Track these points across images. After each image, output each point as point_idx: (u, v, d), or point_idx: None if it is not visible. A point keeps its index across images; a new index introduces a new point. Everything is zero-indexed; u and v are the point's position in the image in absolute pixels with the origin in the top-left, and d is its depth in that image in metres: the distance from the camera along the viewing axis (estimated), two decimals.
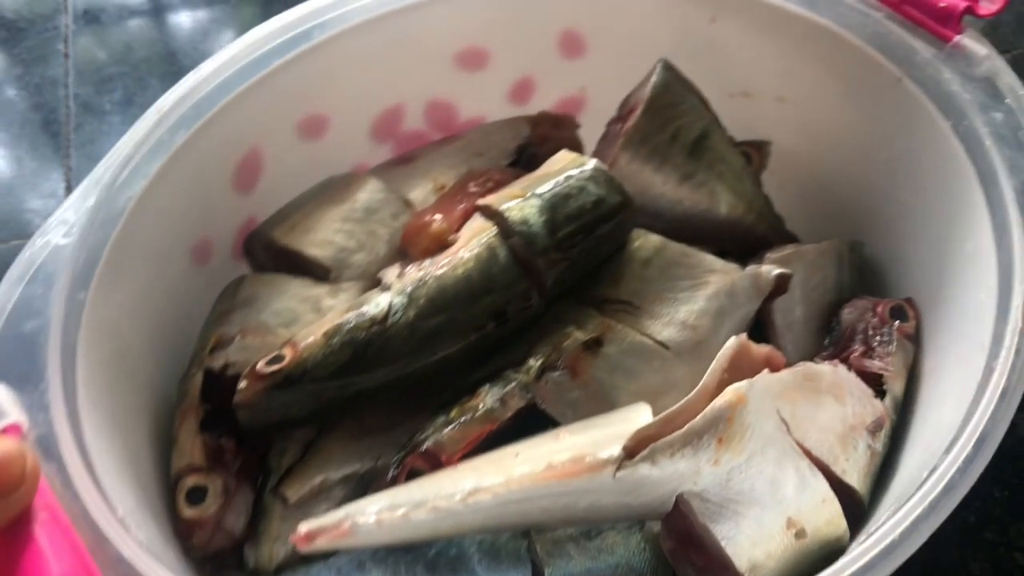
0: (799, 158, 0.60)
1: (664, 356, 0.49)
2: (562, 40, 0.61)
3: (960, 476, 0.38)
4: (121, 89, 0.84)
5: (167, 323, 0.51)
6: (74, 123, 0.83)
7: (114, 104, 0.84)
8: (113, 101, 0.84)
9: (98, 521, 0.36)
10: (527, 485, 0.40)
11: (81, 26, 0.90)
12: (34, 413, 0.38)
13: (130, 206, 0.46)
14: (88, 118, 0.83)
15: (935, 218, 0.52)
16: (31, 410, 0.38)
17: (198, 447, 0.47)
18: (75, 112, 0.81)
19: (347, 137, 0.58)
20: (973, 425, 0.39)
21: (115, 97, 0.83)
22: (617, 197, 0.50)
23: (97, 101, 0.82)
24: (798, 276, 0.53)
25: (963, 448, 0.38)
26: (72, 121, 0.83)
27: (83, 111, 0.82)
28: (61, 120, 0.81)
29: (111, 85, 0.84)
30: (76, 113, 0.81)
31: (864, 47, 0.53)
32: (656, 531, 0.42)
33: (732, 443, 0.40)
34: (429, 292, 0.47)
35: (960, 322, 0.48)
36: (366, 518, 0.41)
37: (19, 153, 0.81)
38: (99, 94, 0.83)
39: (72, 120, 0.83)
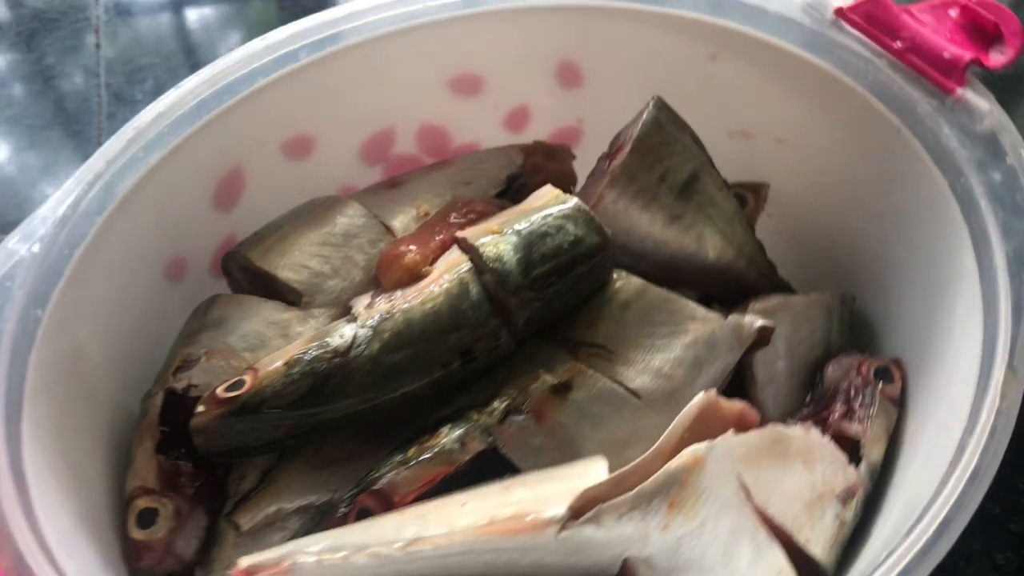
0: (797, 203, 0.59)
1: (634, 405, 0.47)
2: (560, 70, 0.60)
3: (918, 562, 0.36)
4: (152, 80, 0.85)
5: (136, 339, 0.50)
6: (106, 112, 0.84)
7: (145, 94, 0.85)
8: (145, 91, 0.85)
9: (20, 547, 0.35)
10: (468, 539, 0.39)
11: (112, 17, 0.91)
12: None
13: (99, 222, 0.46)
14: (120, 107, 0.84)
15: (927, 276, 0.50)
16: None
17: (152, 468, 0.46)
18: (107, 101, 0.83)
19: (335, 158, 0.58)
20: (938, 507, 0.37)
21: (147, 87, 0.84)
22: (596, 238, 0.49)
23: (129, 91, 0.84)
24: (783, 329, 0.52)
25: (923, 532, 0.37)
26: (104, 110, 0.84)
27: (115, 100, 0.83)
28: (94, 109, 0.82)
29: (142, 75, 0.85)
30: (108, 102, 0.83)
31: (865, 94, 0.52)
32: None
33: (684, 508, 0.39)
34: (395, 326, 0.46)
35: (944, 388, 0.46)
36: (307, 558, 0.41)
37: (53, 141, 0.82)
38: (131, 84, 0.84)
39: (104, 109, 0.84)
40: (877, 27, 0.52)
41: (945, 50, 0.49)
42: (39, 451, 0.39)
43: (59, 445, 0.42)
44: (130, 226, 0.47)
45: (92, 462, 0.46)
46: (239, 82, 0.51)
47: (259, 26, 0.90)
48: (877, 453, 0.47)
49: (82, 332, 0.45)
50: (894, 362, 0.50)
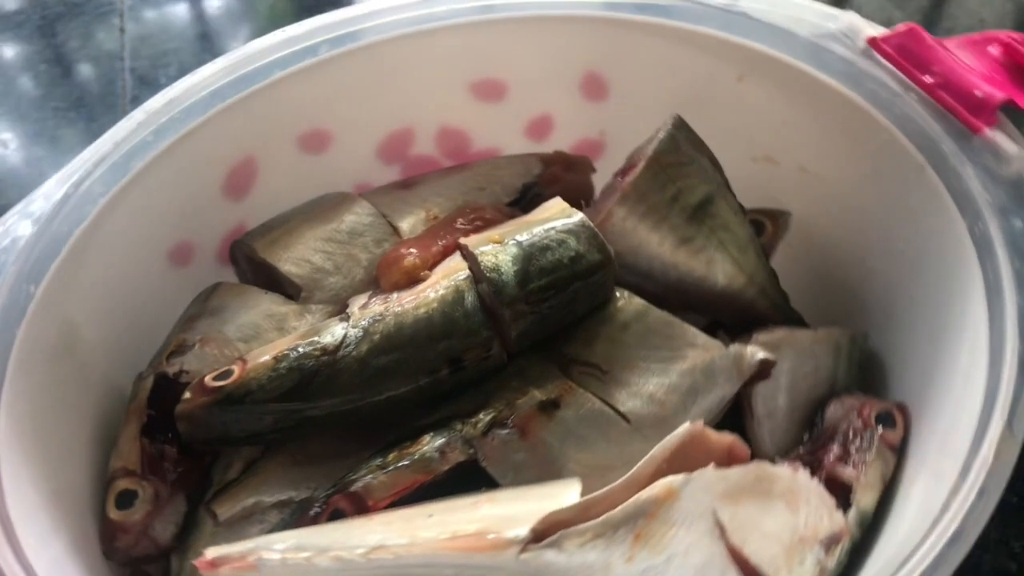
0: (816, 234, 0.57)
1: (623, 429, 0.46)
2: (585, 81, 0.59)
3: None
4: (176, 64, 0.86)
5: (136, 321, 0.51)
6: (130, 95, 0.85)
7: (169, 78, 0.86)
8: (169, 75, 0.86)
9: None
10: (428, 551, 0.38)
11: (136, 2, 0.92)
12: None
13: (102, 203, 0.46)
14: (144, 91, 0.86)
15: (937, 320, 0.48)
16: None
17: (135, 450, 0.46)
18: (132, 85, 0.84)
19: (351, 155, 0.58)
20: (911, 567, 0.36)
21: (170, 71, 0.85)
22: (597, 256, 0.48)
23: (153, 74, 0.85)
24: (787, 363, 0.50)
25: None
26: (128, 94, 0.85)
27: (140, 84, 0.84)
28: (118, 92, 0.83)
29: (166, 59, 0.87)
30: (133, 86, 0.84)
31: (891, 128, 0.50)
32: None
33: (651, 541, 0.38)
34: (386, 328, 0.46)
35: (944, 437, 0.44)
36: (272, 555, 0.40)
37: (78, 124, 0.83)
38: (155, 68, 0.86)
39: (128, 93, 0.85)
40: (909, 59, 0.50)
41: (977, 88, 0.48)
42: (13, 423, 0.40)
43: (40, 419, 0.43)
44: (134, 208, 0.48)
45: (78, 439, 0.46)
46: (256, 73, 0.51)
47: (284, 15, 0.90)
48: (869, 500, 0.45)
49: (77, 311, 0.46)
50: (898, 407, 0.48)
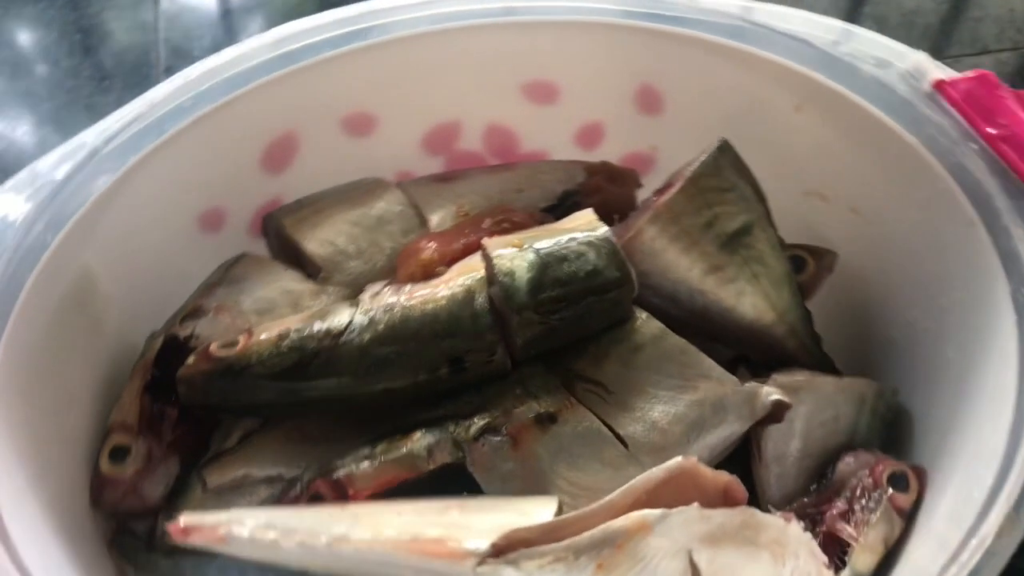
0: (859, 278, 0.55)
1: (618, 453, 0.45)
2: (639, 93, 0.57)
3: None
4: (210, 36, 0.87)
5: (157, 281, 0.51)
6: (164, 66, 0.86)
7: (203, 50, 0.88)
8: (203, 47, 0.87)
9: None
10: (387, 550, 0.37)
11: None
12: None
13: (132, 159, 0.47)
14: (178, 62, 0.87)
15: (968, 386, 0.45)
16: None
17: (136, 407, 0.47)
18: (165, 56, 0.85)
19: (395, 142, 0.57)
20: None
21: (204, 43, 0.86)
22: (615, 273, 0.47)
23: (187, 46, 0.86)
24: (804, 408, 0.48)
25: None
26: (162, 64, 0.86)
27: (173, 55, 0.85)
28: (152, 63, 0.84)
29: (200, 32, 0.87)
30: (166, 57, 0.85)
31: (946, 177, 0.47)
32: None
33: (613, 573, 0.36)
34: (392, 319, 0.46)
35: (954, 508, 0.42)
36: (241, 530, 0.40)
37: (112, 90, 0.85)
38: (188, 39, 0.86)
39: (162, 63, 0.86)
40: (974, 107, 0.47)
41: None
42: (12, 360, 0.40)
43: (43, 361, 0.43)
44: (166, 170, 0.48)
45: (82, 388, 0.47)
46: (305, 50, 0.51)
47: None
48: (866, 563, 0.43)
49: (96, 262, 0.47)
50: (915, 470, 0.46)
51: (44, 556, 0.40)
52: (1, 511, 0.39)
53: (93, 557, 0.46)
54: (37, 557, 0.39)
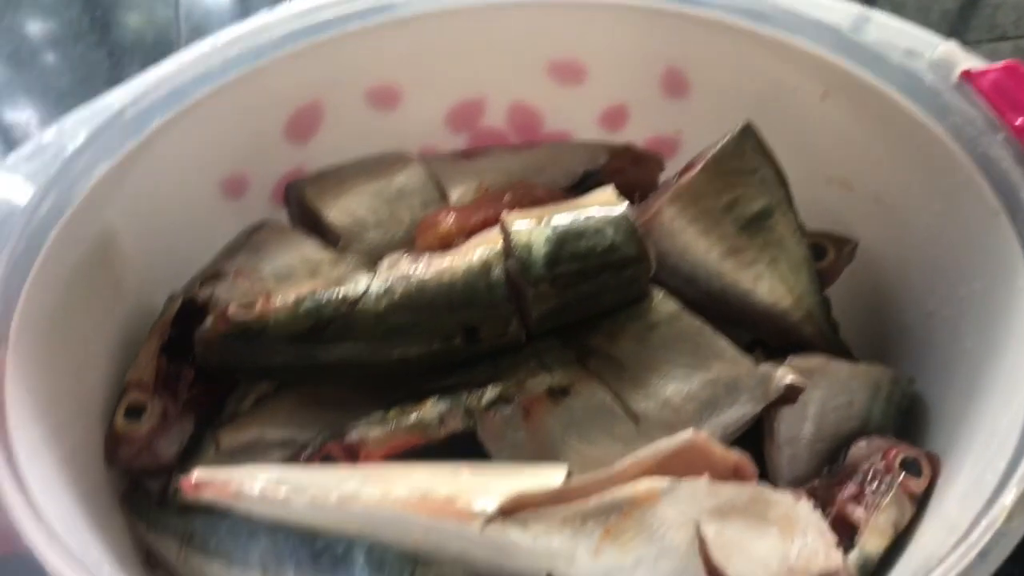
0: (881, 267, 0.55)
1: (629, 429, 0.45)
2: (665, 76, 0.57)
3: None
4: (230, 15, 0.87)
5: (178, 244, 0.52)
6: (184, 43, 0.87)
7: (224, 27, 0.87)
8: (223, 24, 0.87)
9: None
10: (396, 509, 0.38)
11: None
12: None
13: (158, 121, 0.47)
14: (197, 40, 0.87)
15: (987, 376, 0.45)
16: None
17: (152, 366, 0.48)
18: (185, 33, 0.85)
19: (419, 117, 0.57)
20: None
21: (224, 20, 0.86)
22: (632, 250, 0.46)
23: (207, 24, 0.86)
24: (818, 392, 0.48)
25: None
26: (183, 41, 0.87)
27: (193, 33, 0.86)
28: (172, 40, 0.85)
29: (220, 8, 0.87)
30: (186, 34, 0.85)
31: (971, 167, 0.47)
32: None
33: (620, 539, 0.36)
34: (408, 288, 0.46)
35: (965, 495, 0.41)
36: (252, 486, 0.41)
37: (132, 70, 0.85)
38: (208, 16, 0.86)
39: (183, 40, 0.87)
40: (1002, 97, 0.47)
41: None
42: (31, 315, 0.41)
43: (62, 318, 0.44)
44: (191, 133, 0.49)
45: (100, 346, 0.48)
46: (333, 21, 0.51)
47: None
48: (875, 545, 0.43)
49: (118, 222, 0.47)
50: (928, 456, 0.46)
51: (59, 509, 0.41)
52: (20, 464, 0.39)
53: (106, 513, 0.46)
54: (53, 509, 0.39)
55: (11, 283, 0.41)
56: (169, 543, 0.46)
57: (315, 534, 0.42)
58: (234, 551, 0.43)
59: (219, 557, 0.44)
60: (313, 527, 0.41)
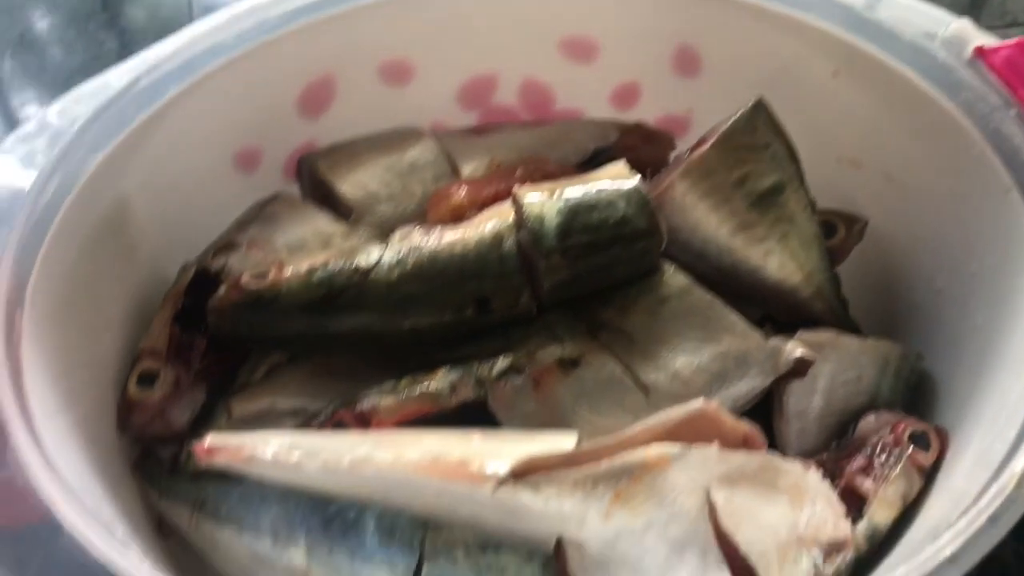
0: (890, 245, 0.55)
1: (639, 400, 0.45)
2: (677, 54, 0.57)
3: None
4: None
5: (191, 215, 0.52)
6: None
7: None
8: None
9: None
10: (408, 472, 0.38)
11: None
12: None
13: (172, 91, 0.47)
14: None
15: (997, 351, 0.45)
16: None
17: (165, 335, 0.48)
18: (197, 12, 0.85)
19: (431, 93, 0.58)
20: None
21: None
22: (644, 223, 0.47)
23: None
24: (828, 366, 0.48)
25: None
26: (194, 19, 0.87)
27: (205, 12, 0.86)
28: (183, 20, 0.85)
29: None
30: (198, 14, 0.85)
31: (983, 144, 0.47)
32: None
33: (631, 503, 0.37)
34: (420, 258, 0.46)
35: (973, 466, 0.42)
36: (264, 451, 0.41)
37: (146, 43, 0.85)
38: None
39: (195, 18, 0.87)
40: (1015, 74, 0.47)
41: None
42: (47, 283, 0.41)
43: (77, 286, 0.44)
44: (205, 104, 0.49)
45: (114, 314, 0.48)
46: None
47: None
48: (884, 517, 0.43)
49: (132, 191, 0.47)
50: (936, 430, 0.46)
51: (74, 472, 0.41)
52: (37, 426, 0.40)
53: (118, 481, 0.46)
54: (68, 472, 0.40)
55: (26, 250, 0.41)
56: (181, 510, 0.46)
57: (327, 499, 0.42)
58: (245, 517, 0.44)
59: (230, 523, 0.44)
60: (325, 491, 0.41)
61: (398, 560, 0.41)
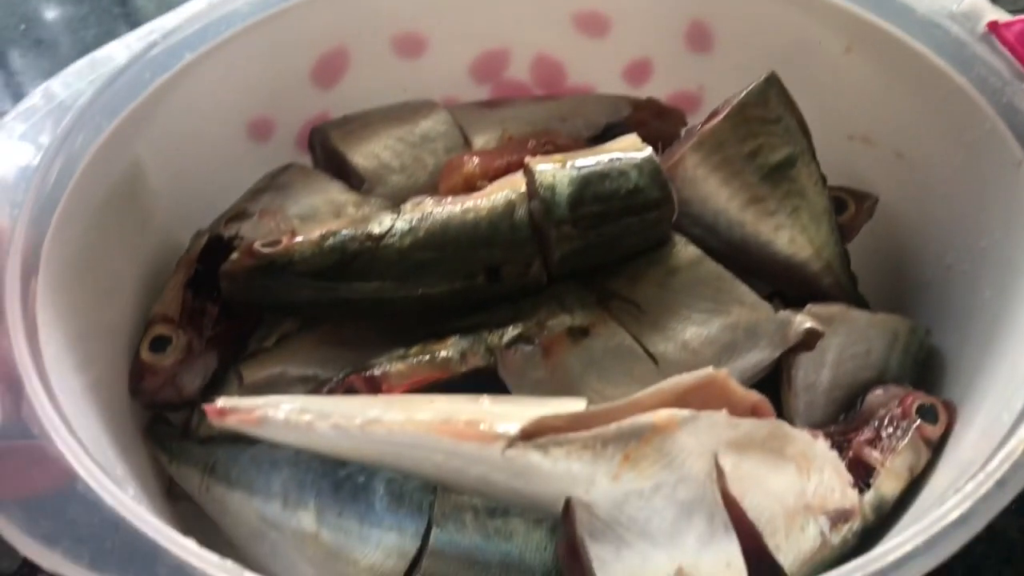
0: (901, 222, 0.55)
1: (648, 369, 0.45)
2: (690, 30, 0.58)
3: None
4: None
5: (204, 183, 0.52)
6: None
7: None
8: None
9: None
10: (420, 432, 0.38)
11: None
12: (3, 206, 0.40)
13: (188, 57, 0.48)
14: None
15: (1005, 325, 0.45)
16: None
17: (178, 300, 0.48)
18: None
19: (443, 67, 0.58)
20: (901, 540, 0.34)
21: None
22: (656, 193, 0.47)
23: None
24: (836, 339, 0.48)
25: None
26: None
27: None
28: None
29: None
30: None
31: (995, 118, 0.47)
32: None
33: (640, 465, 0.37)
34: (432, 226, 0.46)
35: (980, 436, 0.42)
36: (277, 413, 0.41)
37: None
38: None
39: None
40: None
41: None
42: (58, 245, 0.41)
43: (91, 250, 0.44)
44: (220, 72, 0.49)
45: (128, 279, 0.48)
46: None
47: None
48: (891, 487, 0.43)
49: (146, 156, 0.48)
50: (944, 404, 0.46)
51: (86, 432, 0.41)
52: (52, 386, 0.40)
53: (129, 444, 0.47)
54: (81, 431, 0.40)
55: (41, 213, 0.41)
56: (191, 473, 0.46)
57: (337, 463, 0.43)
58: (256, 481, 0.44)
59: (240, 487, 0.44)
60: (336, 453, 0.42)
61: (407, 524, 0.41)
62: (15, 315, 0.39)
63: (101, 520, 0.33)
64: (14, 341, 0.38)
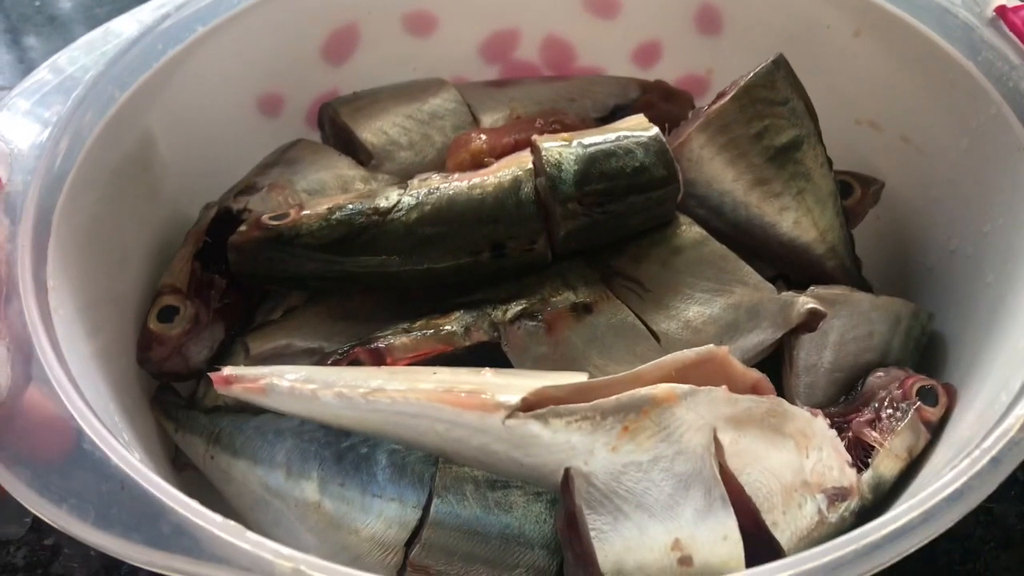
0: (906, 208, 0.55)
1: (650, 347, 0.46)
2: (700, 12, 0.58)
3: None
4: None
5: (213, 155, 0.53)
6: None
7: None
8: None
9: None
10: (423, 401, 0.39)
11: None
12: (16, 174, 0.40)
13: (200, 30, 0.48)
14: None
15: (1007, 308, 0.46)
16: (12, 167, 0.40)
17: (186, 272, 0.49)
18: None
19: (454, 46, 0.58)
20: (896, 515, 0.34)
21: None
22: (662, 172, 0.47)
23: None
24: (839, 321, 0.49)
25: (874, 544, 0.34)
26: None
27: None
28: None
29: None
30: None
31: (1000, 103, 0.47)
32: None
33: (638, 437, 0.37)
34: (438, 201, 0.47)
35: (979, 417, 0.42)
36: (282, 382, 0.42)
37: None
38: None
39: None
40: None
41: None
42: (70, 213, 0.42)
43: (101, 220, 0.45)
44: (231, 46, 0.50)
45: (137, 249, 0.49)
46: None
47: None
48: (889, 468, 0.43)
49: (157, 128, 0.48)
50: (945, 386, 0.46)
51: (94, 396, 0.42)
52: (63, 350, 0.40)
53: (135, 412, 0.47)
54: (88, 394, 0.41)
55: (54, 181, 0.42)
56: (196, 442, 0.47)
57: (341, 432, 0.43)
58: (259, 450, 0.44)
59: (245, 456, 0.45)
60: (340, 422, 0.42)
61: (408, 495, 0.42)
62: (27, 280, 0.39)
63: (107, 479, 0.34)
64: (25, 305, 0.38)
